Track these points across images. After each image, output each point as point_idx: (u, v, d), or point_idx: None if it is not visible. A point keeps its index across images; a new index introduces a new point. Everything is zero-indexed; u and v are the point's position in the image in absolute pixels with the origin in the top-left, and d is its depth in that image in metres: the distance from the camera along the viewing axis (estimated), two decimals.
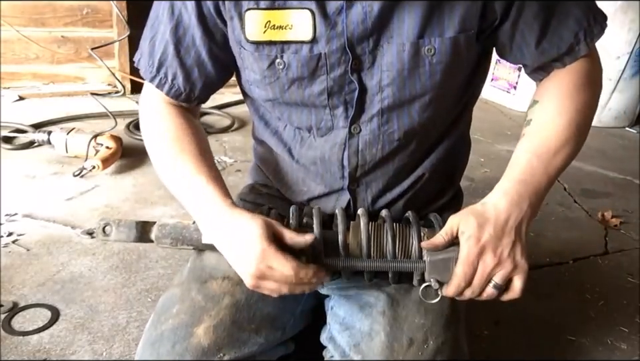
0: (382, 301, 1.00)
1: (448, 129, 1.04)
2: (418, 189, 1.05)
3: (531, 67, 0.98)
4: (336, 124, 0.97)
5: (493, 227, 0.85)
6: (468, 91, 1.04)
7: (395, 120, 0.95)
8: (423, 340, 0.95)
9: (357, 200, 1.05)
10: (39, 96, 3.20)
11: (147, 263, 1.74)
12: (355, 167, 1.00)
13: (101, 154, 2.32)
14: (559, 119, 0.93)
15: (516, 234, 0.86)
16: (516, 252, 0.86)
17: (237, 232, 0.87)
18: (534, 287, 1.76)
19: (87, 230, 1.85)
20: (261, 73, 0.94)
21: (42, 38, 3.19)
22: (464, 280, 0.86)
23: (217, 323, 0.94)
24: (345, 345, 0.98)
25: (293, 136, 1.03)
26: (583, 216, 2.30)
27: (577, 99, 0.94)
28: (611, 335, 1.57)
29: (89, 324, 1.46)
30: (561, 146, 0.91)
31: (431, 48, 0.89)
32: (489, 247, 0.85)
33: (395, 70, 0.90)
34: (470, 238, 0.85)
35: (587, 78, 0.95)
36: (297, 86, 0.94)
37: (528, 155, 0.91)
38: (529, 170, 0.90)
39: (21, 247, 1.77)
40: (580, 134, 0.94)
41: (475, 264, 0.85)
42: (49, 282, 1.61)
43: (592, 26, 0.92)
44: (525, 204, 0.87)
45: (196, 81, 0.99)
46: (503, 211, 0.86)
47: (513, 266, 0.86)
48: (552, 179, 0.92)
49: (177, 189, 0.96)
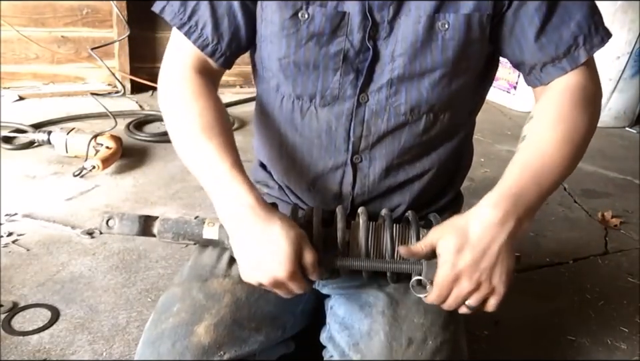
0: (381, 301, 1.00)
1: (454, 129, 1.04)
2: (421, 184, 1.05)
3: (529, 66, 0.97)
4: (342, 92, 0.97)
5: (471, 252, 0.83)
6: (474, 97, 1.05)
7: (403, 92, 0.96)
8: (422, 340, 0.95)
9: (359, 178, 1.03)
10: (39, 96, 3.20)
11: (147, 263, 1.74)
12: (359, 137, 1.00)
13: (100, 154, 2.32)
14: (554, 135, 0.91)
15: (497, 256, 0.84)
16: (494, 276, 0.85)
17: (266, 240, 0.85)
18: (534, 287, 1.76)
19: (87, 230, 1.88)
20: (280, 24, 0.93)
21: (42, 38, 3.19)
22: (437, 300, 0.87)
23: (218, 321, 0.94)
24: (344, 345, 0.98)
25: (292, 109, 1.01)
26: (583, 216, 2.30)
27: (573, 117, 0.92)
28: (611, 335, 1.57)
29: (89, 324, 1.46)
30: (555, 162, 0.90)
31: (445, 23, 0.90)
32: (465, 274, 0.84)
33: (408, 41, 0.92)
34: (446, 263, 0.84)
35: (585, 96, 0.94)
36: (315, 43, 0.94)
37: (521, 169, 0.89)
38: (521, 184, 0.87)
39: (20, 247, 1.77)
40: (575, 152, 0.92)
41: (449, 288, 0.86)
42: (48, 282, 1.61)
43: (592, 35, 0.93)
44: (512, 220, 0.84)
45: (224, 33, 0.97)
46: (488, 230, 0.84)
47: (489, 291, 0.86)
48: (544, 194, 0.89)
49: (198, 171, 0.94)
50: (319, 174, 1.05)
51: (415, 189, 1.06)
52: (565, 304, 1.70)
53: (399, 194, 1.06)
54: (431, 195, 1.09)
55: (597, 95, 0.98)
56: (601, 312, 1.67)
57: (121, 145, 2.45)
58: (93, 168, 2.25)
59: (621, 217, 2.26)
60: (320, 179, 1.05)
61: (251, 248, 0.86)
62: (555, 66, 0.95)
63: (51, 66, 3.27)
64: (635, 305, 1.71)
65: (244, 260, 0.88)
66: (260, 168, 1.18)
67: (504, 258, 0.85)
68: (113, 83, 3.35)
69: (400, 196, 1.06)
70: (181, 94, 0.97)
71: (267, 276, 0.86)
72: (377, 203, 1.05)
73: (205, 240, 0.96)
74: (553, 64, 0.95)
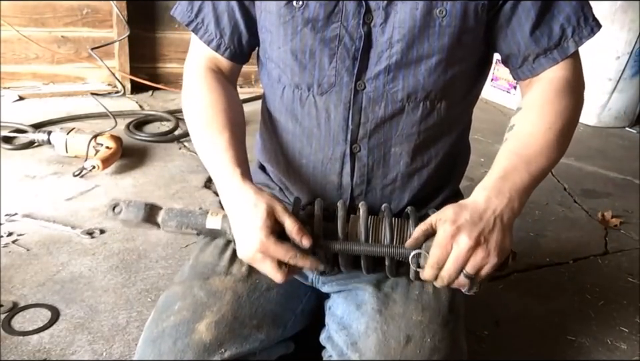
0: (379, 299, 1.00)
1: (451, 122, 1.05)
2: (420, 180, 1.06)
3: (522, 57, 1.00)
4: (339, 79, 0.98)
5: (470, 213, 0.86)
6: (471, 90, 1.06)
7: (401, 79, 0.97)
8: (420, 338, 0.95)
9: (358, 168, 1.04)
10: (39, 96, 3.20)
11: (147, 263, 1.75)
12: (357, 124, 1.01)
13: (100, 154, 2.32)
14: (540, 122, 0.95)
15: (494, 221, 0.86)
16: (490, 240, 0.86)
17: (240, 212, 0.89)
18: (534, 287, 1.77)
19: (87, 230, 1.88)
20: (277, 12, 0.97)
21: (42, 38, 3.18)
22: (437, 263, 0.86)
23: (219, 318, 0.95)
24: (343, 344, 0.98)
25: (292, 99, 1.03)
26: (583, 216, 2.30)
27: (558, 104, 0.97)
28: (611, 335, 1.57)
29: (89, 324, 1.47)
30: (542, 147, 0.94)
31: (442, 10, 0.92)
32: (463, 229, 0.85)
33: (406, 27, 0.93)
34: (445, 222, 0.86)
35: (568, 85, 0.99)
36: (310, 29, 0.96)
37: (509, 154, 0.93)
38: (510, 168, 0.91)
39: (20, 247, 1.77)
40: (562, 137, 0.96)
41: (448, 246, 0.85)
42: (49, 282, 1.61)
43: (582, 27, 0.98)
44: (504, 197, 0.88)
45: (225, 27, 1.05)
46: (482, 201, 0.87)
47: (485, 254, 0.85)
48: (534, 179, 0.92)
49: (202, 155, 1.00)
50: (319, 165, 1.05)
51: (414, 185, 1.06)
52: (565, 304, 1.70)
53: (398, 189, 1.06)
54: (429, 191, 1.09)
55: (580, 85, 1.03)
56: (600, 312, 1.67)
57: (120, 145, 2.45)
58: (93, 168, 2.25)
59: (621, 217, 2.26)
60: (320, 170, 1.06)
61: (234, 225, 0.91)
62: (547, 57, 0.99)
63: (50, 66, 3.27)
64: (635, 305, 1.71)
65: (237, 242, 0.91)
66: (259, 170, 1.19)
67: (500, 228, 0.86)
68: (113, 83, 3.35)
69: (399, 191, 1.06)
70: (194, 90, 1.06)
71: (245, 251, 0.89)
72: (376, 199, 1.05)
73: (208, 230, 0.97)
74: (545, 55, 0.99)
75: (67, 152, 2.43)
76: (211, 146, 0.98)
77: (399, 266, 0.96)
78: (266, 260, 0.88)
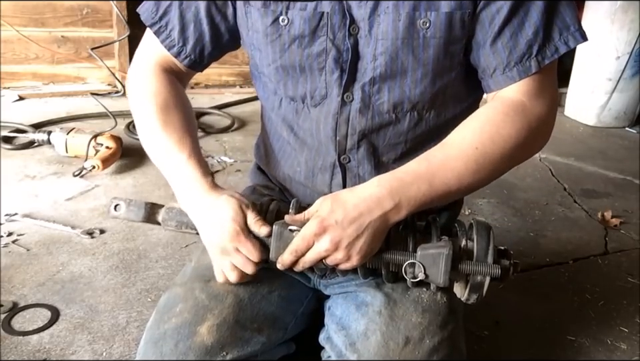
0: (378, 300, 1.00)
1: (443, 129, 1.01)
2: None
3: (482, 70, 0.95)
4: (330, 91, 0.98)
5: (343, 214, 0.86)
6: (466, 98, 1.03)
7: (386, 90, 0.96)
8: (419, 339, 0.95)
9: (350, 179, 1.04)
10: (39, 96, 3.20)
11: (147, 263, 1.74)
12: (344, 135, 1.00)
13: (100, 154, 2.33)
14: (470, 140, 0.90)
15: (364, 228, 0.86)
16: (354, 246, 0.87)
17: (212, 210, 0.92)
18: (534, 287, 1.76)
19: (87, 230, 1.88)
20: (263, 30, 0.97)
21: (42, 38, 3.19)
22: (296, 252, 0.88)
23: (221, 322, 0.95)
24: (341, 344, 0.98)
25: (289, 110, 1.03)
26: (583, 216, 2.30)
27: (499, 128, 0.90)
28: (611, 335, 1.57)
29: (89, 324, 1.47)
30: (458, 165, 0.89)
31: (426, 22, 0.90)
32: (329, 231, 0.86)
33: (389, 39, 0.92)
34: (317, 218, 0.87)
35: (521, 111, 0.91)
36: (297, 45, 0.95)
37: (422, 159, 0.91)
38: (413, 173, 0.89)
39: (20, 247, 1.77)
40: (486, 162, 0.90)
41: (310, 241, 0.87)
42: (48, 282, 1.61)
43: (547, 45, 0.90)
44: (390, 202, 0.87)
45: (189, 37, 1.03)
46: (364, 202, 0.87)
47: (345, 258, 0.88)
48: (435, 193, 0.89)
49: (160, 162, 1.00)
50: (311, 175, 1.06)
51: None
52: (565, 304, 1.70)
53: None
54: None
55: (538, 113, 0.93)
56: (600, 312, 1.67)
57: (120, 145, 2.45)
58: (93, 168, 2.25)
59: (621, 217, 2.26)
60: (312, 180, 1.06)
61: (202, 222, 0.94)
62: (505, 74, 0.92)
63: (50, 66, 3.27)
64: (635, 305, 1.71)
65: (204, 238, 0.94)
66: (258, 171, 1.19)
67: (369, 235, 0.87)
68: (112, 83, 3.35)
69: None
70: (145, 88, 1.03)
71: (216, 243, 0.91)
72: None
73: None
74: (502, 72, 0.93)
75: (66, 152, 2.43)
76: (172, 151, 0.97)
77: (396, 275, 0.96)
78: (237, 253, 0.91)
